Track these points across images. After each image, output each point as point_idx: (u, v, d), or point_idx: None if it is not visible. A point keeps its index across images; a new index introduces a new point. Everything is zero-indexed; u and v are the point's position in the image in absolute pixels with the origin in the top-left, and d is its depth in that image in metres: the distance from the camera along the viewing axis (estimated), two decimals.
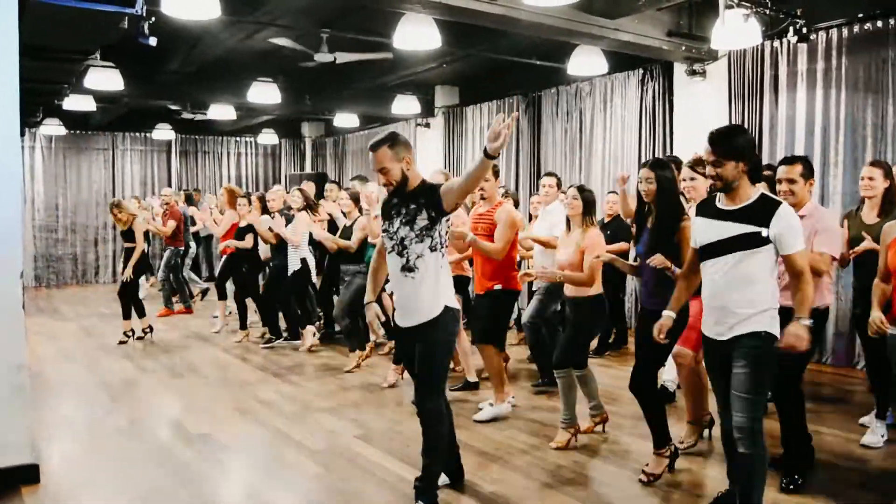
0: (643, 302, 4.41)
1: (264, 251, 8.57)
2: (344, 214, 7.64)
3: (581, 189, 4.83)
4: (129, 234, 8.67)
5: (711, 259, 3.36)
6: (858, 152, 6.91)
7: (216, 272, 9.71)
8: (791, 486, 4.02)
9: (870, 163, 5.13)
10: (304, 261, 7.86)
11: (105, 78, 8.69)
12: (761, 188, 3.41)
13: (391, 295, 6.92)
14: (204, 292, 11.97)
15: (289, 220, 8.12)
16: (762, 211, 3.24)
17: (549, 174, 6.82)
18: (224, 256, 9.06)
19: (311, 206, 7.95)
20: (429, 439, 3.79)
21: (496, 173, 5.60)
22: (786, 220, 3.21)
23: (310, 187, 9.28)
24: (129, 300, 8.52)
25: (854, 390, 6.32)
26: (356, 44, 8.39)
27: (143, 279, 10.57)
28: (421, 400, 3.78)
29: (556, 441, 4.82)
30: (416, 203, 3.69)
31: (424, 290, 3.70)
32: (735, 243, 3.26)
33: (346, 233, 7.38)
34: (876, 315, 3.98)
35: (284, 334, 8.49)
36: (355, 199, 7.47)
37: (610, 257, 4.58)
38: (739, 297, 3.26)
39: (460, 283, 6.13)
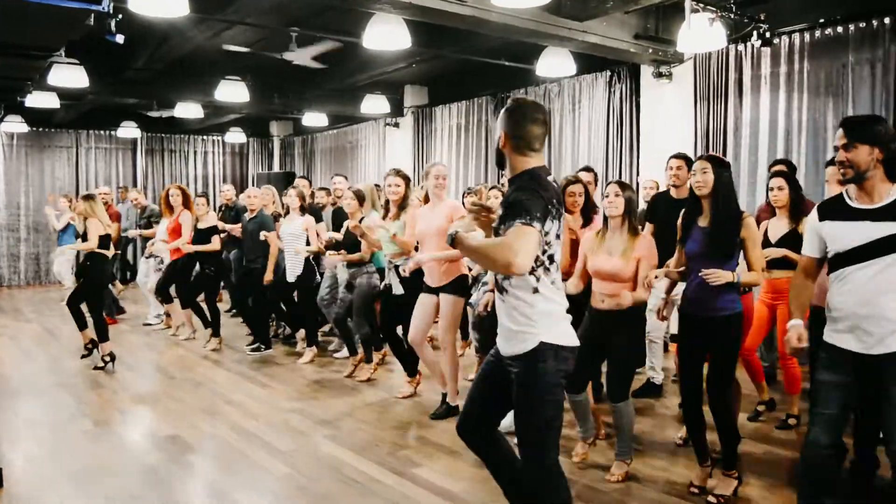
0: (698, 311, 3.93)
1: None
2: (345, 215, 7.05)
3: (622, 185, 4.21)
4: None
5: (855, 265, 2.98)
6: (820, 154, 7.06)
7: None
8: None
9: None
10: (308, 262, 7.41)
11: (69, 75, 8.54)
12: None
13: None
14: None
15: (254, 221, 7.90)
16: None
17: (586, 168, 5.81)
18: (168, 260, 8.66)
19: (305, 208, 7.50)
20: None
21: None
22: None
23: (304, 188, 8.53)
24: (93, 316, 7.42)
25: None
26: (323, 42, 8.36)
27: (68, 284, 10.26)
28: (526, 467, 2.92)
29: (616, 474, 4.30)
30: (510, 202, 2.82)
31: (516, 316, 2.88)
32: (888, 244, 2.90)
33: (350, 235, 6.74)
34: None
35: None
36: (360, 198, 6.88)
37: (666, 272, 4.15)
38: (892, 304, 2.89)
39: (461, 285, 5.49)
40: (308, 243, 7.33)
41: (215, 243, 8.20)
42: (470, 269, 5.63)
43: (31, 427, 5.46)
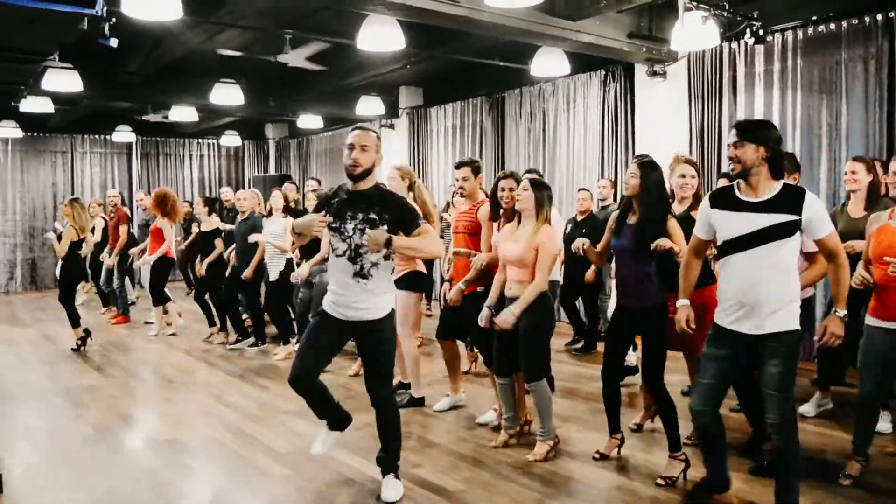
0: (628, 302, 4.25)
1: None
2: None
3: (534, 183, 4.54)
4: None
5: (741, 252, 3.34)
6: (814, 151, 7.08)
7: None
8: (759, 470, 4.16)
9: (853, 158, 5.21)
10: (289, 262, 7.63)
11: (63, 79, 8.54)
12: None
13: None
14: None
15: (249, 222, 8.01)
16: (790, 199, 3.28)
17: (530, 171, 6.30)
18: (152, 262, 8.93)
19: (290, 209, 7.81)
20: (388, 425, 4.02)
21: (476, 171, 5.34)
22: (815, 204, 3.28)
23: (290, 190, 8.85)
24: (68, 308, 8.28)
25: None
26: (316, 42, 8.37)
27: (79, 286, 10.37)
28: (377, 389, 3.95)
29: (536, 454, 4.58)
30: (375, 213, 3.71)
31: (374, 295, 3.80)
32: (769, 234, 3.27)
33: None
34: (860, 271, 4.05)
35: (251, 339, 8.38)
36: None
37: (583, 242, 4.43)
38: (775, 288, 3.28)
39: (414, 281, 5.80)
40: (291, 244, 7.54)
41: (219, 245, 8.49)
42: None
43: (30, 433, 5.45)
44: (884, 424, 5.00)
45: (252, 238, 7.70)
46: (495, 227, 5.08)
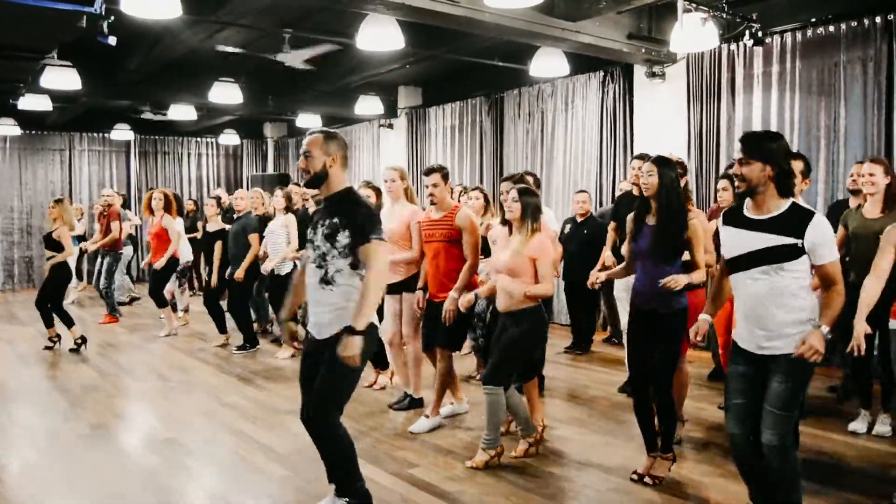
0: (648, 306, 4.13)
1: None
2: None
3: (522, 192, 4.45)
4: (52, 241, 8.09)
5: (742, 272, 3.20)
6: (812, 153, 7.08)
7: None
8: None
9: (870, 160, 5.11)
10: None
11: (62, 77, 8.53)
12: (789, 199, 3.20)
13: None
14: (133, 299, 11.98)
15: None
16: (796, 221, 3.09)
17: (528, 173, 6.19)
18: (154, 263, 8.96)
19: (290, 209, 7.90)
20: (334, 458, 3.64)
21: (445, 177, 5.29)
22: (821, 229, 3.07)
23: (294, 192, 8.60)
24: (52, 309, 8.12)
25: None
26: (319, 44, 8.37)
27: (71, 284, 10.42)
28: (321, 416, 3.55)
29: (475, 461, 4.48)
30: (338, 218, 3.54)
31: (340, 304, 3.52)
32: (767, 255, 3.10)
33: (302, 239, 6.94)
34: (861, 328, 3.75)
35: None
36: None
37: (604, 276, 4.48)
38: (777, 310, 3.11)
39: (413, 282, 5.64)
40: (289, 242, 7.71)
41: (218, 247, 8.55)
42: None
43: (28, 432, 5.45)
44: (882, 427, 4.99)
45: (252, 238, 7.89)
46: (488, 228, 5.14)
